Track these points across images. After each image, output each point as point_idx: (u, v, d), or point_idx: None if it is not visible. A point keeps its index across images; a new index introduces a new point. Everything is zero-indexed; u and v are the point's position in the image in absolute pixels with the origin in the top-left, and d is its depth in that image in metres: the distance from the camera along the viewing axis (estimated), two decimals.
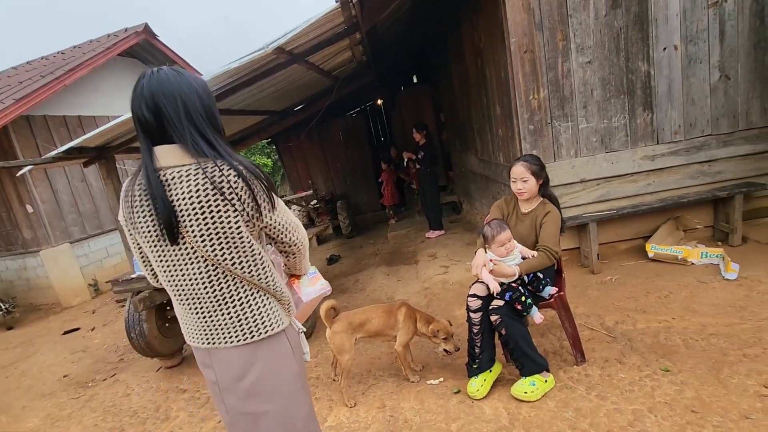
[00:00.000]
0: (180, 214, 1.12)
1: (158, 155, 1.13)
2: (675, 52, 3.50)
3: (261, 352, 1.22)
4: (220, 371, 1.23)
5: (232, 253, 1.16)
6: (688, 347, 2.45)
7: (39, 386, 3.94)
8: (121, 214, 1.22)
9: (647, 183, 3.69)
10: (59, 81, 6.52)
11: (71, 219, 6.95)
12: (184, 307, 1.25)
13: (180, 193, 1.11)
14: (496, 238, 2.30)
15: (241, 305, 1.21)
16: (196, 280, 1.19)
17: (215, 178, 1.11)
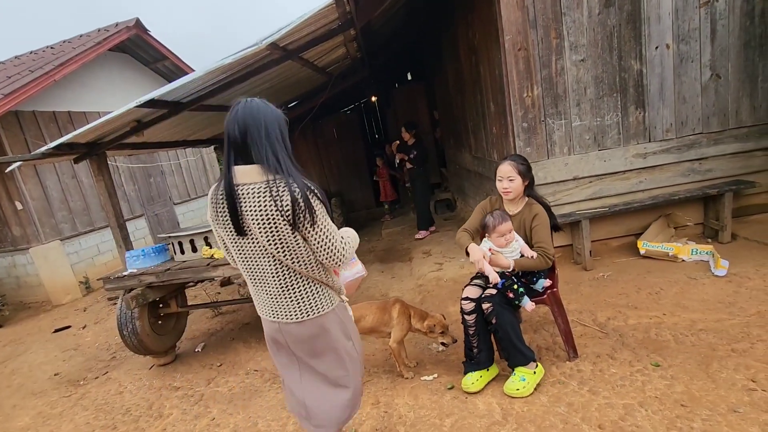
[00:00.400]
0: (249, 221, 1.43)
1: (236, 173, 1.43)
2: (667, 51, 3.53)
3: (317, 325, 1.58)
4: (289, 339, 1.61)
5: (290, 253, 1.47)
6: (678, 342, 2.49)
7: (29, 385, 3.89)
8: (208, 213, 1.56)
9: (639, 180, 3.73)
10: (49, 76, 6.43)
11: (61, 216, 6.87)
12: (256, 288, 1.60)
13: (250, 206, 1.42)
14: (497, 228, 2.31)
15: (300, 292, 1.54)
16: (265, 271, 1.52)
17: (275, 195, 1.39)
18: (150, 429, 2.74)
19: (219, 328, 4.34)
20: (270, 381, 3.02)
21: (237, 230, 1.46)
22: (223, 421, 2.65)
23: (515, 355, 2.33)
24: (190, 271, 3.34)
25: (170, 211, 9.32)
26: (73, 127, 7.06)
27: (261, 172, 1.41)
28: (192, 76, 3.04)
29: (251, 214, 1.41)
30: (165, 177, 9.36)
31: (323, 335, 1.59)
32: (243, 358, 3.50)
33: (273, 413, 2.62)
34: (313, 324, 1.56)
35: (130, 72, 8.69)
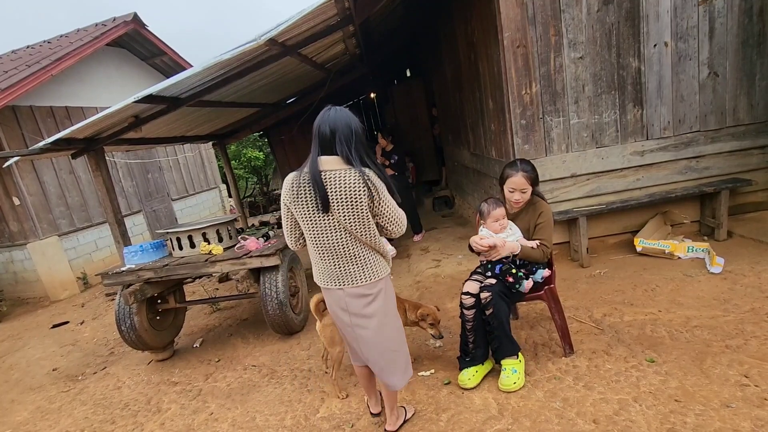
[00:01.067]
0: (332, 199, 1.76)
1: (321, 162, 1.79)
2: (665, 49, 3.53)
3: (374, 289, 1.92)
4: (350, 302, 1.92)
5: (361, 226, 1.81)
6: (673, 339, 2.51)
7: (27, 380, 3.90)
8: (284, 196, 1.88)
9: (636, 178, 3.74)
10: (46, 71, 6.40)
11: (59, 212, 6.86)
12: (324, 260, 1.90)
13: (334, 187, 1.76)
14: (491, 213, 2.40)
15: (364, 260, 1.88)
16: (337, 243, 1.84)
17: (354, 180, 1.75)
18: (148, 424, 2.75)
19: (217, 324, 4.35)
20: (268, 376, 3.04)
21: (323, 208, 1.78)
22: (221, 416, 2.66)
23: (506, 345, 2.36)
24: (189, 267, 3.35)
25: (168, 207, 9.31)
26: (70, 122, 7.03)
27: (341, 161, 1.79)
28: (190, 71, 3.03)
29: (335, 194, 1.76)
30: (163, 173, 9.34)
31: (379, 294, 1.94)
32: (241, 354, 3.51)
33: (271, 408, 2.63)
34: (373, 285, 1.91)
35: (128, 67, 8.65)
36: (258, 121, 6.46)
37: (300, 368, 3.05)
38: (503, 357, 2.38)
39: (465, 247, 4.61)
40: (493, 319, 2.33)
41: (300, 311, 3.67)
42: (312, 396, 2.67)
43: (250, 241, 3.55)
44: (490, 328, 2.37)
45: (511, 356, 2.37)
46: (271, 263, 3.31)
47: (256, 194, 13.24)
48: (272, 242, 3.67)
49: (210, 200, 11.02)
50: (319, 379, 2.84)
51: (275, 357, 3.31)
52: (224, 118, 5.40)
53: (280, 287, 3.33)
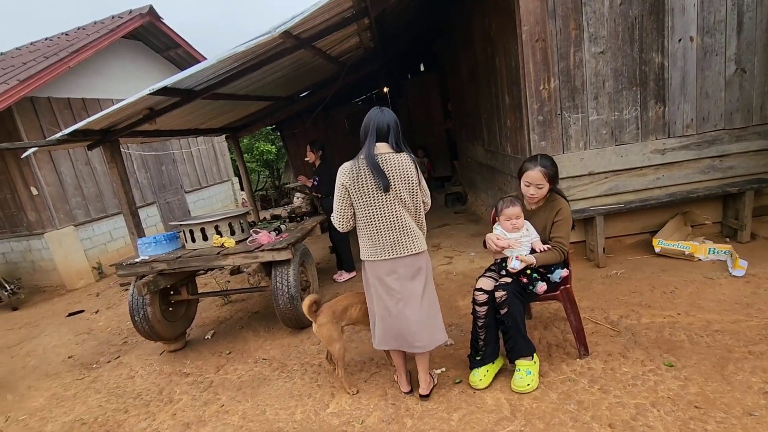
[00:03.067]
0: (389, 176, 2.15)
1: (378, 147, 2.21)
2: (690, 44, 3.42)
3: (421, 258, 2.27)
4: (402, 269, 2.24)
5: (412, 199, 2.22)
6: (692, 343, 2.44)
7: (44, 367, 3.98)
8: (344, 180, 2.22)
9: (656, 177, 3.64)
10: (63, 62, 6.47)
11: (75, 202, 6.97)
12: (379, 234, 2.23)
13: (390, 167, 2.16)
14: (504, 211, 2.38)
15: (413, 233, 2.24)
16: (393, 216, 2.20)
17: (406, 161, 2.20)
18: (160, 414, 2.78)
19: (228, 316, 4.38)
20: (278, 370, 3.04)
21: (384, 187, 2.15)
22: (231, 408, 2.68)
23: (521, 345, 2.32)
24: (201, 260, 3.37)
25: (181, 199, 9.40)
26: (87, 113, 7.12)
27: (390, 148, 2.22)
28: (204, 64, 3.03)
29: (392, 172, 2.16)
30: (177, 165, 9.43)
31: (424, 265, 2.29)
32: (252, 347, 3.53)
33: (281, 402, 2.63)
34: (419, 256, 2.26)
35: (143, 59, 8.72)
36: (271, 114, 6.46)
37: (310, 363, 3.05)
38: (518, 357, 2.34)
39: (477, 245, 4.56)
40: (509, 318, 2.29)
41: None
42: (322, 391, 2.67)
43: (262, 234, 3.55)
44: (505, 327, 2.33)
45: (526, 357, 2.33)
46: (282, 257, 3.31)
47: (268, 188, 13.30)
48: (284, 236, 3.67)
49: (222, 193, 11.10)
50: (329, 375, 2.83)
51: (286, 351, 3.32)
52: (237, 111, 5.41)
53: (291, 281, 3.32)
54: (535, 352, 2.38)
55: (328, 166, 4.77)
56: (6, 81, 6.03)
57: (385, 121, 2.23)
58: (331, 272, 5.00)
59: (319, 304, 2.63)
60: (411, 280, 2.25)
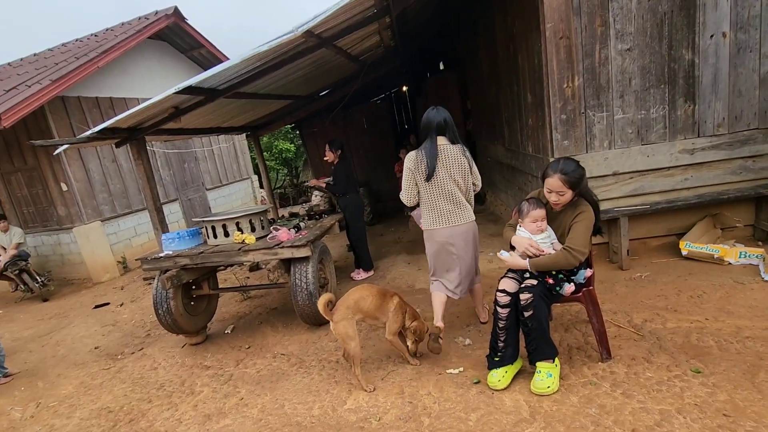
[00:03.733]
0: (445, 164, 2.74)
1: (438, 140, 2.76)
2: (723, 40, 3.30)
3: (470, 227, 2.88)
4: (457, 237, 2.83)
5: (463, 180, 2.81)
6: (721, 349, 2.36)
7: (72, 356, 4.12)
8: (410, 165, 2.80)
9: (684, 178, 3.53)
10: (93, 63, 6.69)
11: (102, 198, 7.19)
12: (438, 207, 2.82)
13: (447, 154, 2.75)
14: (531, 213, 2.34)
15: (464, 208, 2.84)
16: (450, 194, 2.79)
17: (459, 151, 2.78)
18: (182, 405, 2.85)
19: (248, 311, 4.45)
20: (296, 365, 3.08)
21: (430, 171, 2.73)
22: (251, 402, 2.72)
23: (544, 348, 2.28)
24: (222, 255, 3.43)
25: (203, 197, 9.60)
26: (114, 112, 7.33)
27: (447, 140, 2.78)
28: (228, 63, 3.08)
29: (448, 159, 2.75)
30: (198, 163, 9.63)
31: (471, 233, 2.88)
32: (270, 342, 3.58)
33: (299, 397, 2.66)
34: (469, 226, 2.86)
35: (168, 59, 8.93)
36: (291, 112, 6.53)
37: (328, 359, 3.08)
38: (539, 359, 2.30)
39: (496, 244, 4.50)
40: (533, 321, 2.24)
41: None
42: (339, 387, 2.69)
43: (282, 231, 3.59)
44: (528, 330, 2.29)
45: (548, 359, 2.29)
46: (301, 254, 3.34)
47: (287, 186, 13.45)
48: (303, 233, 3.71)
49: (242, 190, 11.28)
50: (347, 371, 2.85)
51: (304, 347, 3.35)
52: (258, 109, 5.49)
53: (310, 278, 3.36)
54: (558, 355, 2.34)
55: (346, 165, 4.80)
56: (39, 81, 6.26)
57: (442, 118, 2.78)
58: (349, 270, 5.02)
59: (333, 302, 2.65)
60: (465, 244, 2.86)
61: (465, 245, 2.85)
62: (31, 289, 6.38)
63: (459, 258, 2.86)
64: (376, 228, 7.34)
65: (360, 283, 4.63)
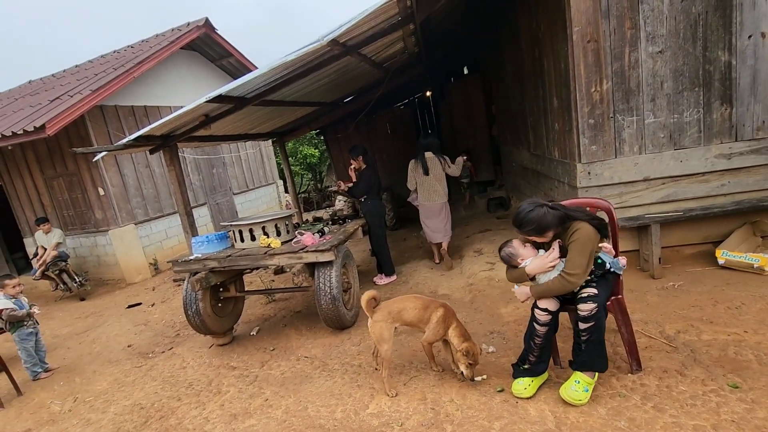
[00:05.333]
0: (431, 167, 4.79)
1: (426, 154, 4.80)
2: (762, 40, 3.16)
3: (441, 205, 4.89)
4: (434, 208, 4.87)
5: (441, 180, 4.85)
6: (761, 364, 2.24)
7: (107, 353, 4.31)
8: (411, 167, 4.89)
9: (721, 183, 3.39)
10: (129, 73, 7.01)
11: (136, 202, 7.50)
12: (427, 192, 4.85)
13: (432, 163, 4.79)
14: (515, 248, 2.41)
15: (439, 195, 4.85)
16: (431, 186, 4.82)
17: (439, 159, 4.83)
18: (209, 404, 2.93)
19: (272, 314, 4.53)
20: (320, 368, 3.11)
21: (425, 171, 4.75)
22: (275, 403, 2.77)
23: (596, 361, 2.18)
24: (249, 259, 3.52)
25: (230, 201, 9.86)
26: (148, 120, 7.66)
27: (432, 154, 4.79)
28: (257, 72, 3.18)
29: (433, 166, 4.75)
30: (226, 168, 9.91)
31: (443, 209, 4.87)
32: (294, 345, 3.63)
33: (322, 399, 2.69)
34: (440, 204, 4.83)
35: (198, 68, 9.26)
36: (316, 119, 6.65)
37: (351, 363, 3.10)
38: (586, 370, 2.21)
39: None
40: (594, 333, 2.12)
41: (351, 307, 3.72)
42: (362, 391, 2.70)
43: (307, 236, 3.65)
44: (584, 341, 2.16)
45: (593, 372, 2.21)
46: (325, 258, 3.39)
47: (311, 190, 13.64)
48: (327, 238, 3.76)
49: (268, 195, 11.52)
50: (369, 376, 2.87)
51: (327, 350, 3.39)
52: (284, 116, 5.62)
53: (333, 282, 3.40)
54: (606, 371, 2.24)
55: (372, 170, 4.86)
56: (80, 91, 6.62)
57: (428, 142, 4.82)
58: (372, 275, 5.05)
59: (377, 300, 2.67)
60: (438, 214, 4.86)
61: (438, 214, 4.86)
62: (69, 289, 6.71)
63: (436, 220, 4.88)
64: (399, 233, 7.34)
65: (382, 287, 4.66)
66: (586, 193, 3.52)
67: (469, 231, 6.22)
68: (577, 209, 2.23)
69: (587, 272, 2.14)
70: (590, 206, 2.61)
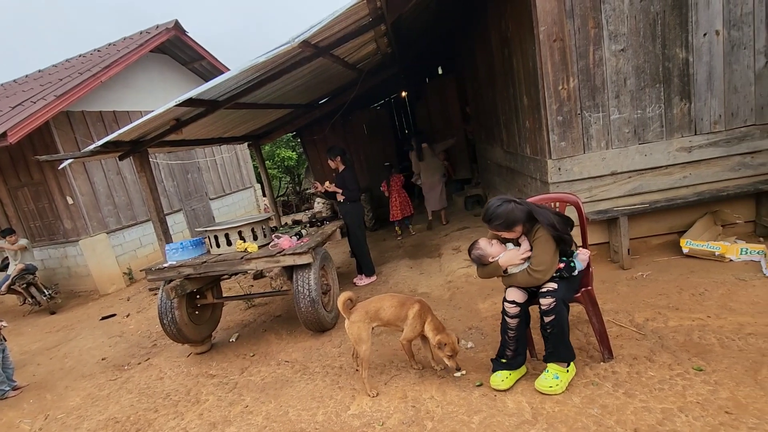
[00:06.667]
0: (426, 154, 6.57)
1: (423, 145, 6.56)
2: (716, 38, 3.32)
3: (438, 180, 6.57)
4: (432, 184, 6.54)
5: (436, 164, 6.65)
6: (723, 347, 2.35)
7: (80, 368, 4.17)
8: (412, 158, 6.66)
9: (683, 176, 3.54)
10: (96, 78, 6.80)
11: (107, 210, 7.28)
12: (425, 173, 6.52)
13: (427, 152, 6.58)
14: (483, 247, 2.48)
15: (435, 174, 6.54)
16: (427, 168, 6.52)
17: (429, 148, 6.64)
18: (188, 413, 2.87)
19: (252, 319, 4.48)
20: (300, 372, 3.10)
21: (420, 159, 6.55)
22: (255, 409, 2.74)
23: (563, 351, 2.26)
24: (225, 264, 3.47)
25: (206, 206, 9.68)
26: (117, 125, 7.44)
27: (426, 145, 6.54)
28: (227, 75, 3.14)
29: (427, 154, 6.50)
30: (201, 173, 9.72)
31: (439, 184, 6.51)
32: (274, 349, 3.60)
33: (303, 403, 2.68)
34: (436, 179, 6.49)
35: (169, 72, 9.06)
36: (291, 121, 6.60)
37: (331, 365, 3.09)
38: (555, 361, 2.29)
39: None
40: (555, 326, 2.22)
41: (331, 309, 3.72)
42: (343, 393, 2.70)
43: (284, 239, 3.63)
44: (548, 334, 2.26)
45: (563, 362, 2.29)
46: (303, 261, 3.37)
47: (289, 193, 13.53)
48: (305, 241, 3.74)
49: (245, 199, 11.36)
50: (350, 377, 2.87)
51: (307, 353, 3.37)
52: (259, 119, 5.55)
53: (312, 285, 3.38)
54: (574, 360, 2.32)
55: (352, 170, 4.86)
56: (44, 97, 6.38)
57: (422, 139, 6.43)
58: (352, 276, 5.05)
59: (354, 301, 2.67)
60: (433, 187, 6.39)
61: (434, 189, 6.40)
62: (38, 303, 6.46)
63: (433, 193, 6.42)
64: (379, 233, 7.36)
65: (363, 288, 4.66)
66: (557, 188, 3.62)
67: (447, 229, 6.29)
68: (543, 207, 2.31)
69: (553, 269, 2.23)
70: (559, 201, 2.70)
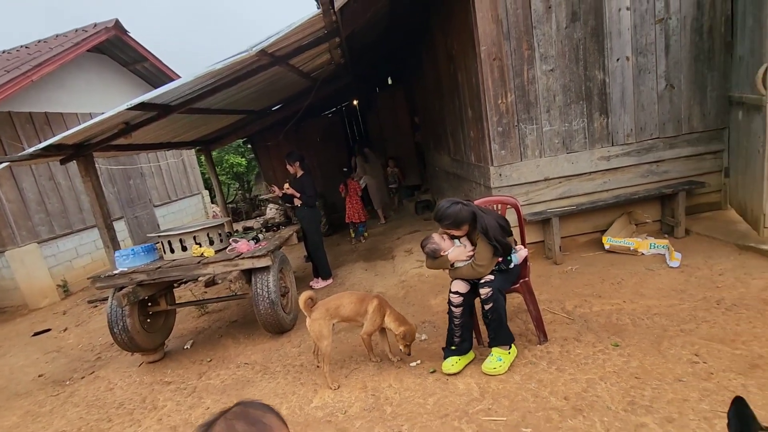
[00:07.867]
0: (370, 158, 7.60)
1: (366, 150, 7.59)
2: (627, 63, 3.86)
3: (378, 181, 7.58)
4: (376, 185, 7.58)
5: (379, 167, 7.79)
6: (635, 325, 2.77)
7: (12, 386, 3.89)
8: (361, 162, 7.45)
9: (603, 181, 4.05)
10: (26, 76, 6.34)
11: (39, 218, 6.76)
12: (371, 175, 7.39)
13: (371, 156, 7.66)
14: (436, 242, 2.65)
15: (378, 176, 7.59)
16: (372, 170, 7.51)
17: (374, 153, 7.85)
18: (146, 420, 2.83)
19: (206, 326, 4.42)
20: (261, 372, 3.16)
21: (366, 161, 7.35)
22: (217, 410, 2.76)
23: (502, 335, 2.56)
24: (182, 269, 3.45)
25: (150, 214, 9.24)
26: (50, 128, 6.97)
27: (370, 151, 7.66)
28: (183, 80, 3.17)
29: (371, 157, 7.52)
30: (145, 179, 9.28)
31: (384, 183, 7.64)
32: (232, 353, 3.61)
33: (266, 400, 2.74)
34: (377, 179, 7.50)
35: (109, 73, 8.61)
36: (244, 127, 6.56)
37: (292, 364, 3.19)
38: (497, 345, 2.58)
39: None
40: (494, 313, 2.51)
41: (290, 311, 3.80)
42: (305, 388, 2.81)
43: (242, 243, 3.67)
44: (488, 320, 2.55)
45: (504, 346, 2.58)
46: (262, 264, 3.44)
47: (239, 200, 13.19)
48: (263, 244, 3.80)
49: (193, 206, 10.96)
50: (312, 373, 2.98)
51: (267, 355, 3.43)
52: (211, 124, 5.50)
53: (271, 287, 3.46)
54: (513, 342, 2.62)
55: (309, 175, 4.96)
56: None
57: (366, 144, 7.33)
58: (308, 279, 5.13)
59: (314, 300, 2.80)
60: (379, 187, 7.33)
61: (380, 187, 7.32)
62: None
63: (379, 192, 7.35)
64: (333, 238, 7.48)
65: (319, 291, 4.77)
66: (498, 192, 3.98)
67: (399, 233, 6.55)
68: (485, 210, 2.61)
69: (493, 263, 2.54)
70: (501, 203, 3.02)
